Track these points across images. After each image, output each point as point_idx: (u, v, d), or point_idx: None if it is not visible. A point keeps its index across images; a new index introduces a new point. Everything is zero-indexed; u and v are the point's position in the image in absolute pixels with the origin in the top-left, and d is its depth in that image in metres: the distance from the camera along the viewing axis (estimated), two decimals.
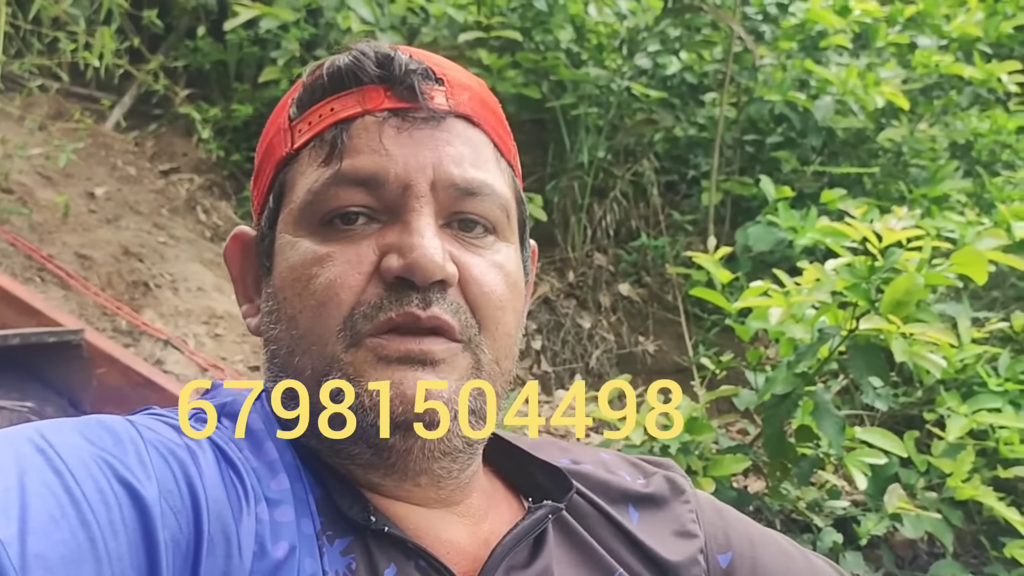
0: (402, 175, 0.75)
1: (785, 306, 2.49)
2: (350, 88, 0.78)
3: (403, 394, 0.72)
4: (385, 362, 0.73)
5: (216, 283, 4.14)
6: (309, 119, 0.79)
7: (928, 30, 5.26)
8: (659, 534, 0.89)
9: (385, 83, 0.77)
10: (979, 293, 3.77)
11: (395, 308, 0.73)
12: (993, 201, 4.26)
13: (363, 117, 0.76)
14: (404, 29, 4.62)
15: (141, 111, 5.37)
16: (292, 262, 0.76)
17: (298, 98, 0.81)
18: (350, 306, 0.74)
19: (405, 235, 0.74)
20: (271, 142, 0.83)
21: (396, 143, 0.75)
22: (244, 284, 0.85)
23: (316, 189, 0.75)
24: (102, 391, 3.06)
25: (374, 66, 0.77)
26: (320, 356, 0.74)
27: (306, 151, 0.78)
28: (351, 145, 0.75)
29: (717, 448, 2.72)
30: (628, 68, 4.83)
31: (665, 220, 4.96)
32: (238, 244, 0.86)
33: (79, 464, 0.62)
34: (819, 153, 4.83)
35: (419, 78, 0.77)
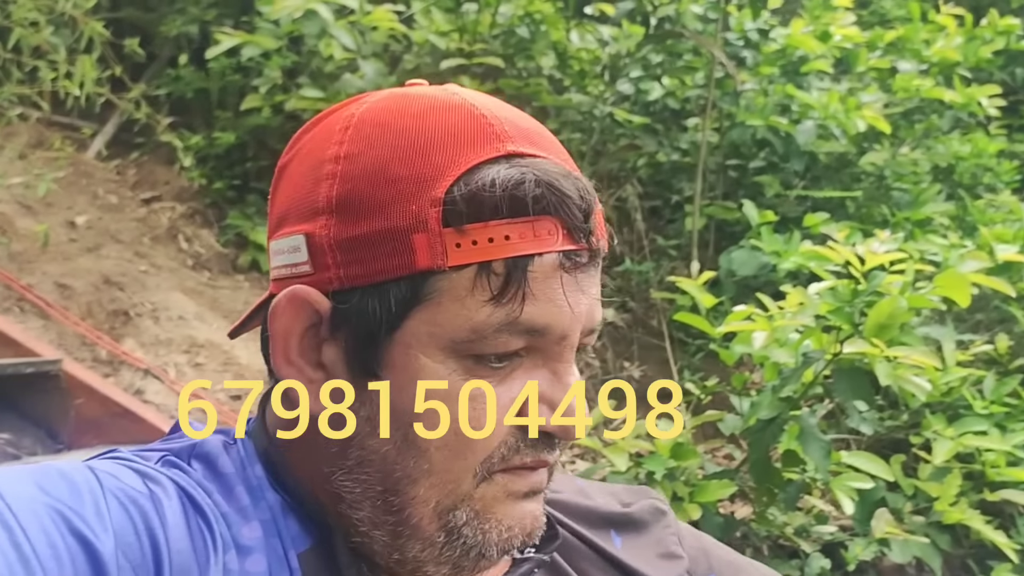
0: (567, 327, 0.71)
1: (769, 330, 2.48)
2: (525, 217, 0.68)
3: (524, 527, 0.73)
4: (514, 497, 0.73)
5: (198, 312, 4.11)
6: (474, 237, 0.67)
7: (908, 55, 5.31)
8: (644, 556, 0.88)
9: (564, 219, 0.69)
10: (963, 316, 3.78)
11: (531, 455, 0.72)
12: (975, 224, 4.28)
13: (541, 257, 0.68)
14: (386, 56, 4.63)
15: (123, 139, 5.35)
16: (431, 386, 0.70)
17: (460, 206, 0.68)
18: (491, 450, 0.71)
19: (558, 391, 0.72)
20: (404, 231, 0.68)
21: (568, 292, 0.70)
22: (287, 345, 0.73)
23: (484, 332, 0.68)
24: (80, 422, 3.03)
25: (557, 203, 0.69)
26: (451, 493, 0.71)
27: (466, 275, 0.68)
28: (529, 290, 0.68)
29: (703, 474, 2.70)
30: (610, 94, 4.85)
31: (649, 245, 4.96)
32: (296, 306, 0.72)
33: (31, 517, 0.59)
34: (802, 177, 4.85)
35: (594, 217, 0.71)
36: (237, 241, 4.86)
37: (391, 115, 0.72)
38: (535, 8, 4.69)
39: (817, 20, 5.11)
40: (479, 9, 4.68)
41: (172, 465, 0.72)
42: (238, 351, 3.91)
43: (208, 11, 5.24)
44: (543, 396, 0.72)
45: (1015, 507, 3.04)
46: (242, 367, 3.83)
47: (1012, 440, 2.80)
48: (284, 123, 4.81)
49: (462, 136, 0.70)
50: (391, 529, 0.73)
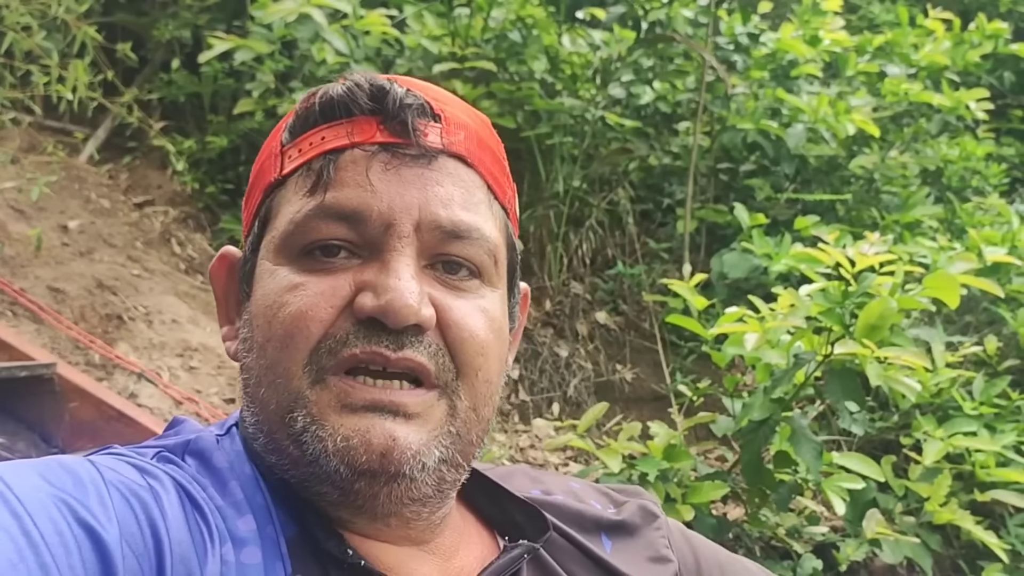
0: (386, 213, 0.73)
1: (760, 332, 2.50)
2: (342, 118, 0.76)
3: (368, 443, 0.71)
4: (350, 409, 0.72)
5: (191, 315, 4.11)
6: (300, 146, 0.77)
7: (897, 59, 5.34)
8: (633, 561, 0.88)
9: (378, 116, 0.76)
10: (952, 318, 3.80)
11: (361, 345, 0.72)
12: (964, 226, 4.31)
13: (352, 150, 0.75)
14: (379, 61, 4.63)
15: (115, 144, 5.35)
16: (268, 289, 0.75)
17: (291, 124, 0.79)
18: (317, 339, 0.72)
19: (382, 275, 0.72)
20: (262, 166, 0.81)
21: (383, 179, 0.74)
22: (226, 306, 0.84)
23: (298, 220, 0.74)
24: (74, 425, 3.02)
25: (367, 98, 0.76)
26: (285, 390, 0.73)
27: (293, 179, 0.77)
28: (337, 178, 0.74)
29: (695, 475, 2.72)
30: (602, 98, 4.86)
31: (641, 248, 4.98)
32: (224, 264, 0.84)
33: (38, 507, 0.61)
34: (792, 180, 4.88)
35: (413, 113, 0.75)
36: (230, 245, 4.86)
37: None
38: (527, 12, 4.71)
39: (806, 24, 5.14)
40: (471, 14, 4.69)
41: (167, 461, 0.74)
42: None
43: (201, 15, 5.24)
44: (368, 283, 0.73)
45: (1005, 507, 3.06)
46: (235, 370, 3.83)
47: (1001, 441, 2.83)
48: None
49: (334, 86, 0.78)
50: (271, 447, 0.74)
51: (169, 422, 0.84)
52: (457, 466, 0.77)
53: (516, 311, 0.86)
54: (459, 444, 0.76)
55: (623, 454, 2.69)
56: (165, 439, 0.79)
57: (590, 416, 2.81)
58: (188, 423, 0.82)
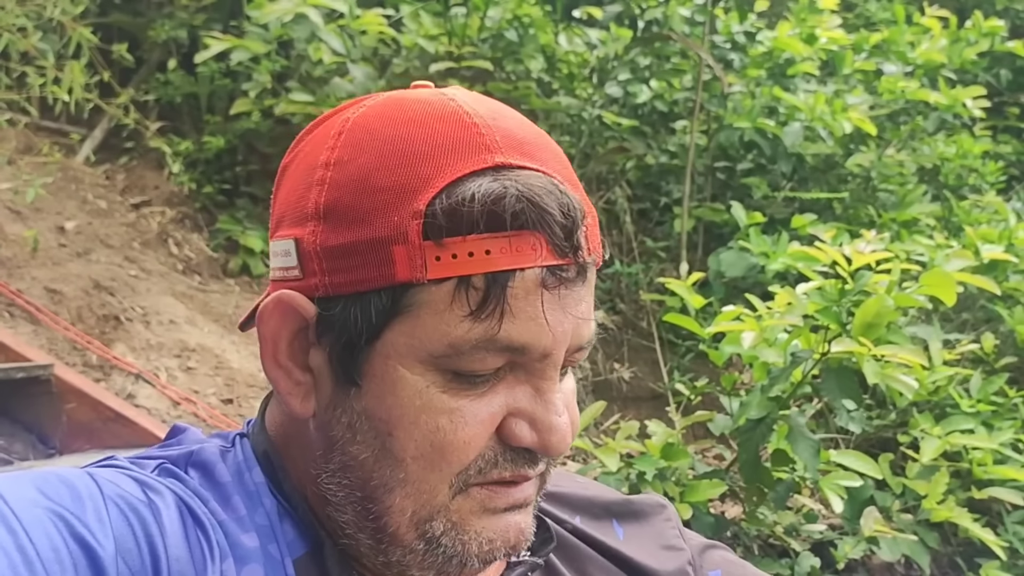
0: (549, 345, 0.69)
1: (758, 330, 2.50)
2: (506, 232, 0.67)
3: (507, 540, 0.73)
4: (492, 512, 0.72)
5: (188, 316, 4.11)
6: (454, 251, 0.67)
7: (893, 57, 5.35)
8: (646, 547, 0.89)
9: (547, 234, 0.67)
10: (949, 316, 3.81)
11: (510, 469, 0.72)
12: (961, 224, 4.32)
13: (522, 273, 0.67)
14: (375, 60, 4.64)
15: (112, 144, 5.35)
16: (412, 404, 0.69)
17: (440, 220, 0.67)
18: (468, 463, 0.71)
19: (540, 408, 0.70)
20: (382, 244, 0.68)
21: (550, 309, 0.68)
22: (276, 349, 0.75)
23: (461, 348, 0.68)
24: (72, 426, 3.03)
25: (559, 225, 0.67)
26: (426, 504, 0.71)
27: (444, 289, 0.67)
28: (508, 307, 0.67)
29: (693, 474, 2.72)
30: (599, 97, 4.87)
31: (638, 247, 4.98)
32: (283, 310, 0.73)
33: (34, 522, 0.60)
34: (789, 179, 4.88)
35: (581, 230, 0.69)
36: (227, 245, 4.86)
37: (382, 122, 0.72)
38: (523, 12, 4.71)
39: (803, 23, 5.15)
40: (468, 13, 4.70)
41: (169, 474, 0.73)
42: (229, 355, 3.91)
43: (197, 16, 5.24)
44: (523, 412, 0.71)
45: (1002, 505, 3.06)
46: (233, 371, 3.83)
47: (999, 438, 2.83)
48: (273, 127, 4.82)
49: (449, 146, 0.69)
50: (372, 534, 0.73)
51: (170, 430, 0.83)
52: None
53: None
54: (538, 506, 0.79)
55: (621, 453, 2.69)
56: (168, 449, 0.78)
57: (588, 415, 2.81)
58: (191, 432, 0.81)
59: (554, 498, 0.88)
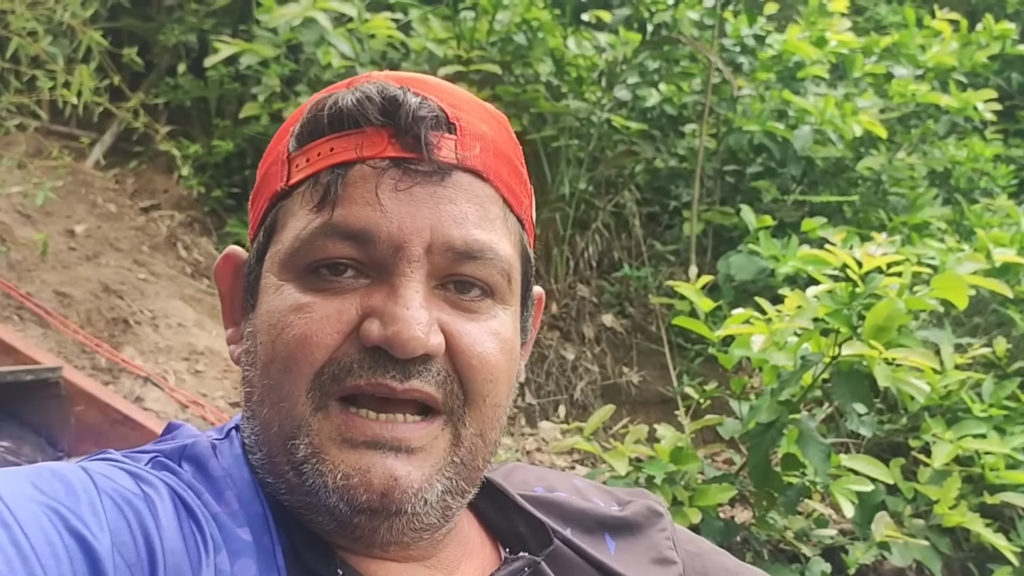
0: (395, 235, 0.69)
1: (767, 333, 2.49)
2: (352, 129, 0.72)
3: (369, 482, 0.69)
4: (350, 444, 0.70)
5: (197, 319, 4.11)
6: (307, 155, 0.73)
7: (904, 60, 5.33)
8: (637, 563, 0.87)
9: (390, 128, 0.71)
10: (961, 320, 3.79)
11: (367, 375, 0.69)
12: (972, 228, 4.29)
13: (362, 164, 0.71)
14: (384, 64, 4.63)
15: (121, 148, 5.36)
16: (272, 306, 0.72)
17: (298, 130, 0.75)
18: (321, 364, 0.70)
19: (390, 302, 0.69)
20: (268, 170, 0.77)
21: (394, 198, 0.70)
22: (231, 306, 0.81)
23: (304, 237, 0.71)
24: (80, 429, 3.02)
25: (378, 111, 0.71)
26: (288, 415, 0.71)
27: (300, 190, 0.73)
28: (345, 194, 0.70)
29: (703, 478, 2.71)
30: (608, 100, 4.86)
31: (647, 251, 4.97)
32: (230, 264, 0.81)
33: (29, 516, 0.60)
34: (799, 182, 4.86)
35: (427, 126, 0.71)
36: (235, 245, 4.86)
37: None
38: (532, 15, 4.71)
39: (813, 26, 5.13)
40: (476, 17, 4.69)
41: (163, 467, 0.73)
42: None
43: (206, 20, 5.25)
44: (376, 310, 0.70)
45: (1015, 510, 3.04)
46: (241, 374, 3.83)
47: (1011, 443, 2.81)
48: None
49: (339, 86, 0.76)
50: (267, 467, 0.73)
51: (165, 427, 0.82)
52: (462, 492, 0.75)
53: (529, 323, 0.84)
54: (464, 472, 0.74)
55: (630, 457, 2.68)
56: (162, 444, 0.77)
57: (596, 419, 2.80)
58: (184, 428, 0.80)
59: (547, 506, 0.87)
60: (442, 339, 0.71)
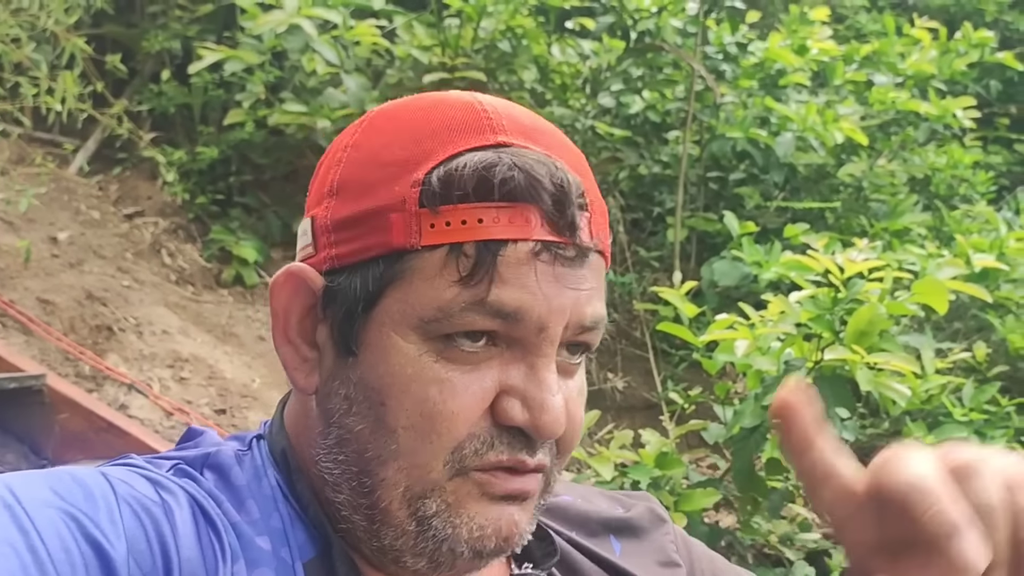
0: (544, 317, 0.69)
1: (751, 338, 2.51)
2: (499, 202, 0.68)
3: (499, 530, 0.71)
4: (489, 498, 0.71)
5: (182, 326, 4.10)
6: (447, 218, 0.68)
7: (884, 68, 5.38)
8: (643, 564, 0.88)
9: (542, 208, 0.68)
10: (942, 325, 3.82)
11: (507, 453, 0.70)
12: (952, 234, 4.33)
13: (515, 244, 0.68)
14: (369, 71, 4.65)
15: (105, 155, 5.34)
16: (403, 372, 0.70)
17: (435, 187, 0.69)
18: (461, 439, 0.70)
19: (532, 386, 0.70)
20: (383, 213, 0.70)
21: (543, 281, 0.69)
22: (287, 324, 0.76)
23: (450, 310, 0.68)
24: (64, 437, 3.01)
25: (544, 195, 0.68)
26: (420, 480, 0.70)
27: (436, 255, 0.69)
28: (499, 274, 0.68)
29: (687, 483, 2.72)
30: (592, 107, 4.88)
31: (631, 257, 4.99)
32: (294, 283, 0.75)
33: (46, 522, 0.60)
34: (781, 189, 4.90)
35: (578, 210, 0.70)
36: (220, 256, 4.85)
37: (401, 108, 0.75)
38: (517, 23, 4.73)
39: (794, 34, 5.17)
40: (461, 24, 4.71)
41: (184, 474, 0.73)
42: (222, 365, 3.90)
43: (190, 27, 5.25)
44: (515, 389, 0.70)
45: None
46: (226, 381, 3.82)
47: (991, 447, 2.83)
48: (267, 138, 4.82)
49: (456, 127, 0.71)
50: (366, 513, 0.72)
51: (185, 432, 0.82)
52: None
53: None
54: (541, 509, 0.77)
55: (615, 462, 2.69)
56: (184, 451, 0.77)
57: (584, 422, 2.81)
58: (208, 434, 0.80)
59: (551, 510, 0.87)
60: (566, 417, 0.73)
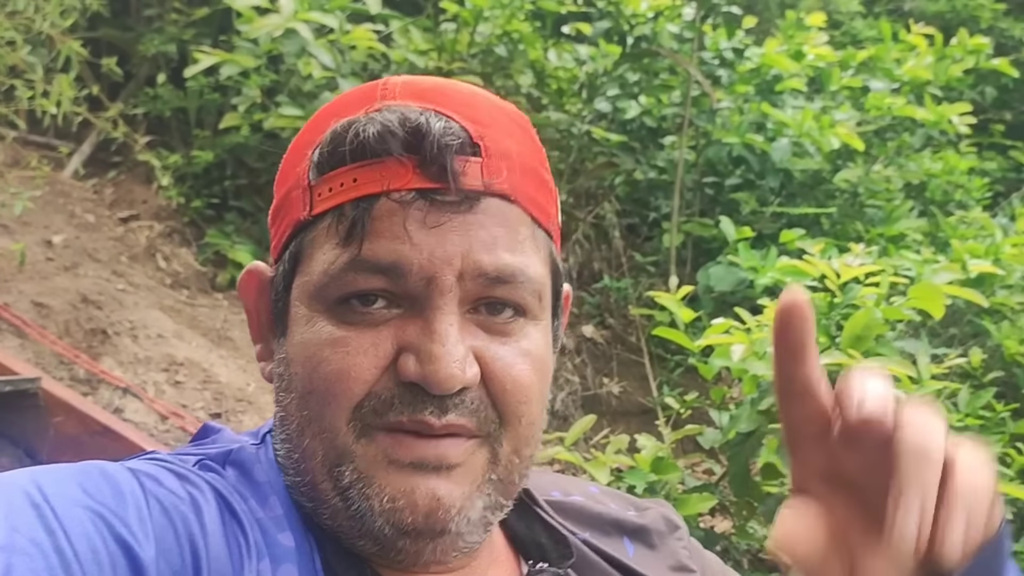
0: (426, 267, 0.69)
1: (747, 343, 2.51)
2: (374, 159, 0.70)
3: (414, 504, 0.69)
4: (397, 466, 0.70)
5: (176, 330, 4.09)
6: (329, 184, 0.71)
7: (880, 74, 5.39)
8: (656, 568, 0.87)
9: (414, 158, 0.69)
10: (937, 330, 3.82)
11: (407, 412, 0.70)
12: (947, 240, 4.34)
13: (387, 196, 0.69)
14: (365, 75, 4.64)
15: (100, 158, 5.34)
16: (306, 339, 0.72)
17: (318, 158, 0.73)
18: (360, 397, 0.70)
19: (425, 338, 0.69)
20: (289, 195, 0.75)
21: (422, 230, 0.69)
22: (258, 321, 0.80)
23: (333, 272, 0.70)
24: (59, 440, 3.00)
25: (401, 145, 0.69)
26: (331, 445, 0.71)
27: (324, 223, 0.71)
28: (372, 228, 0.69)
29: (683, 488, 2.71)
30: (588, 112, 4.89)
31: (627, 262, 4.99)
32: (253, 281, 0.80)
33: (73, 521, 0.60)
34: (777, 194, 4.90)
35: (452, 154, 0.69)
36: (215, 259, 4.84)
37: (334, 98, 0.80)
38: (513, 27, 4.73)
39: (791, 40, 5.19)
40: (458, 28, 4.71)
41: (208, 469, 0.73)
42: (217, 369, 3.89)
43: (186, 30, 5.24)
44: (412, 345, 0.69)
45: None
46: (221, 385, 3.82)
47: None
48: (262, 142, 4.82)
49: (351, 102, 0.75)
50: (307, 494, 0.73)
51: (200, 429, 0.82)
52: (501, 507, 0.76)
53: (560, 330, 0.83)
54: (501, 487, 0.74)
55: (611, 467, 2.69)
56: (205, 447, 0.77)
57: (577, 429, 2.81)
58: (225, 432, 0.80)
59: (564, 510, 0.87)
60: (477, 370, 0.71)
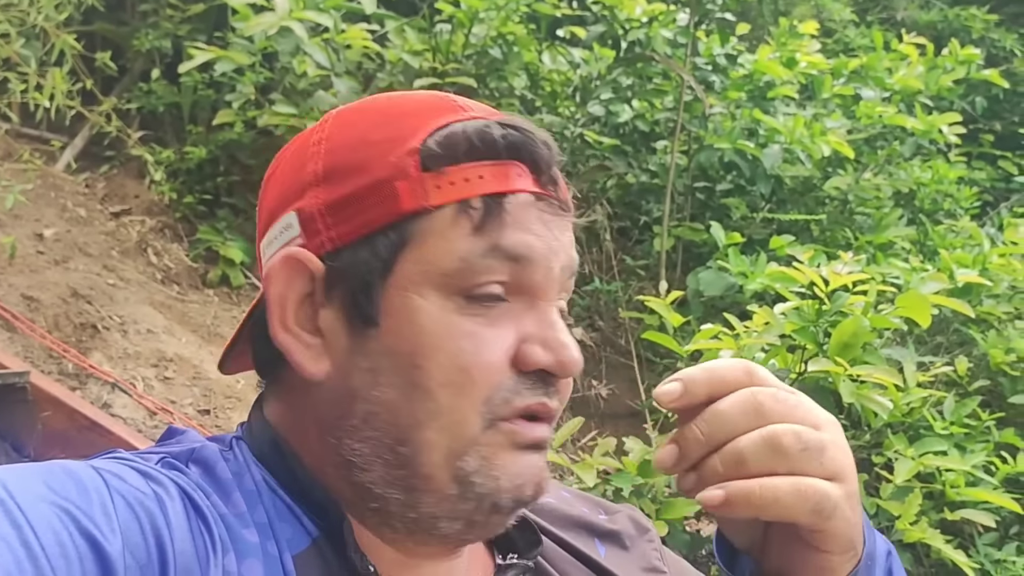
0: (548, 257, 0.75)
1: (735, 349, 2.53)
2: (496, 160, 0.74)
3: (533, 479, 0.74)
4: (518, 448, 0.74)
5: (167, 326, 4.09)
6: (451, 178, 0.73)
7: (871, 82, 5.42)
8: (628, 568, 0.89)
9: (529, 164, 0.75)
10: (924, 338, 3.85)
11: (531, 397, 0.74)
12: (936, 249, 4.37)
13: (515, 195, 0.74)
14: (359, 74, 4.65)
15: (93, 153, 5.32)
16: (433, 330, 0.72)
17: (435, 151, 0.73)
18: (493, 389, 0.72)
19: (547, 327, 0.74)
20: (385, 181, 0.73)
21: (543, 226, 0.75)
22: (284, 312, 0.76)
23: (470, 259, 0.72)
24: (47, 435, 3.00)
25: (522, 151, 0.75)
26: (460, 436, 0.72)
27: (445, 212, 0.73)
28: (505, 220, 0.73)
29: (669, 491, 2.73)
30: (581, 115, 4.90)
31: (618, 265, 5.00)
32: (290, 269, 0.75)
33: (40, 517, 0.60)
34: (768, 200, 4.92)
35: (557, 166, 0.77)
36: (207, 256, 4.84)
37: (367, 102, 0.81)
38: (508, 29, 4.74)
39: (783, 47, 5.21)
40: (452, 30, 4.72)
41: (171, 467, 0.73)
42: (207, 366, 3.89)
43: (181, 26, 5.24)
44: (533, 336, 0.74)
45: (974, 526, 3.09)
46: (211, 382, 3.82)
47: (971, 460, 2.86)
48: (256, 139, 4.81)
49: (432, 106, 0.77)
50: (403, 484, 0.73)
51: (165, 431, 0.82)
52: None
53: None
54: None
55: (598, 469, 2.70)
56: (169, 446, 0.78)
57: (565, 431, 2.82)
58: (190, 433, 0.81)
59: (536, 510, 0.88)
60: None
